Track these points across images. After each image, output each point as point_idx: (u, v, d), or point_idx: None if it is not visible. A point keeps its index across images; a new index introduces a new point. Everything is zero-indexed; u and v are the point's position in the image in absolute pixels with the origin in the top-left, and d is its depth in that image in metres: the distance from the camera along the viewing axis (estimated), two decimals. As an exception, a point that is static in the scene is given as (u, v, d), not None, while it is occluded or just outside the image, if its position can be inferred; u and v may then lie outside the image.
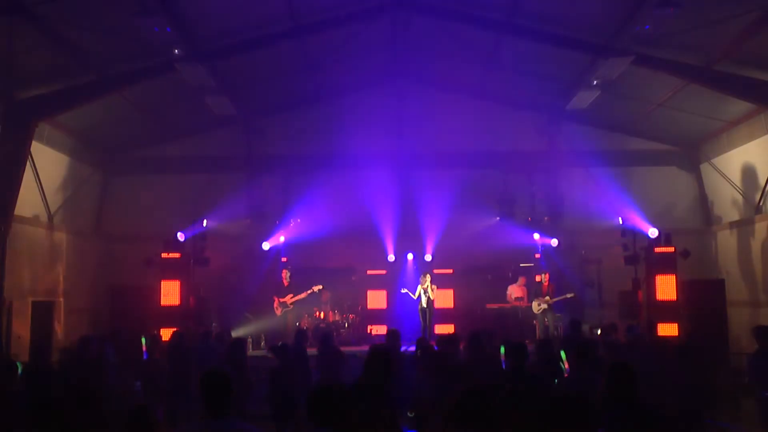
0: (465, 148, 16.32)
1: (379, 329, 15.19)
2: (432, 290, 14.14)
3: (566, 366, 7.51)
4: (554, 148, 16.63)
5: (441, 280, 15.03)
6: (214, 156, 16.36)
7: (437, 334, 13.00)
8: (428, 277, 14.24)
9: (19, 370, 6.05)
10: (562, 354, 7.68)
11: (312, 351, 9.66)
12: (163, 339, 10.42)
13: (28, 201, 12.87)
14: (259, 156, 16.69)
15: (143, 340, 10.36)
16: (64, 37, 10.69)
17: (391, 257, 16.13)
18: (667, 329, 12.69)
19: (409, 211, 16.11)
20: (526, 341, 9.89)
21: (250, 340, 13.26)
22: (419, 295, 14.17)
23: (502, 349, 6.59)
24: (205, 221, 14.97)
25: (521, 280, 15.06)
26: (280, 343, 9.24)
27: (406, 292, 14.55)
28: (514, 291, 15.01)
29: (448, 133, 16.18)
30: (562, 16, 11.83)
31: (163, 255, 13.45)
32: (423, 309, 14.16)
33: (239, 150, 16.67)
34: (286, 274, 14.44)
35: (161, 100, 14.33)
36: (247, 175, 16.76)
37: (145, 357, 9.93)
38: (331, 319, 14.71)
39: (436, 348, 7.96)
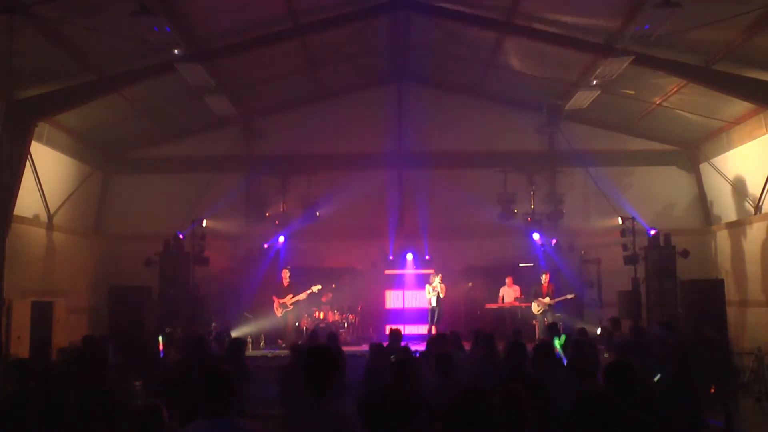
0: (465, 148, 16.33)
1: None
2: (442, 289, 14.39)
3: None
4: (554, 148, 16.65)
5: (440, 278, 15.05)
6: (214, 156, 16.33)
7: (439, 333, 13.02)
8: (439, 276, 14.52)
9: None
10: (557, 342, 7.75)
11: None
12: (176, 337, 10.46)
13: (28, 201, 12.86)
14: (259, 156, 16.70)
15: (160, 338, 10.40)
16: (64, 37, 10.68)
17: (391, 257, 16.15)
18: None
19: (409, 211, 16.12)
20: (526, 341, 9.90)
21: (249, 340, 13.28)
22: (430, 295, 14.45)
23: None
24: (204, 221, 14.99)
25: (509, 280, 15.02)
26: (299, 342, 9.30)
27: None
28: (506, 293, 14.97)
29: (448, 133, 16.20)
30: (562, 15, 11.83)
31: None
32: (433, 308, 14.50)
33: (239, 150, 16.66)
34: (285, 274, 14.44)
35: (161, 100, 14.32)
36: (247, 175, 16.76)
37: (161, 355, 9.97)
38: (330, 320, 14.70)
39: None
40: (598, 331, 13.07)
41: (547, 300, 14.21)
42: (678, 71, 12.10)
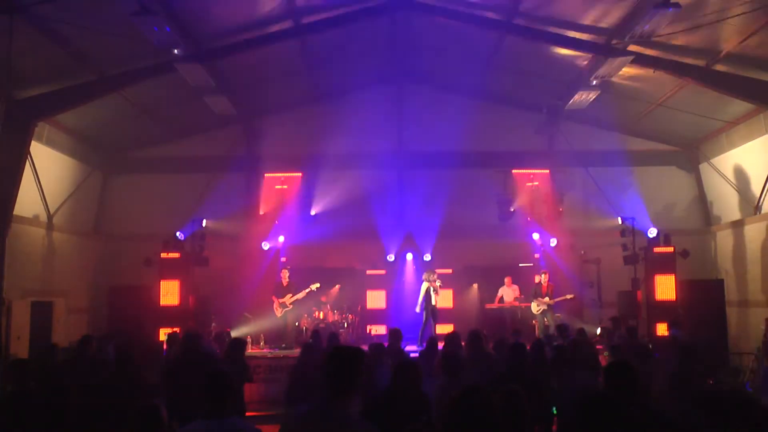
0: (465, 148, 16.30)
1: (379, 329, 15.23)
2: (438, 288, 14.20)
3: None
4: (554, 148, 16.65)
5: (441, 280, 15.02)
6: (214, 156, 16.33)
7: (440, 334, 12.98)
8: (435, 274, 14.28)
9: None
10: None
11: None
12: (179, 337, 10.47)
13: (28, 201, 12.87)
14: (259, 156, 16.69)
15: (165, 338, 10.43)
16: (64, 37, 10.69)
17: (391, 257, 16.13)
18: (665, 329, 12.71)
19: (409, 210, 16.12)
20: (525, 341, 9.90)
21: (249, 340, 13.27)
22: (427, 294, 14.09)
23: None
24: (204, 221, 14.99)
25: (507, 280, 15.02)
26: (311, 340, 9.34)
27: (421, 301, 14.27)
28: (505, 293, 14.96)
29: (448, 132, 16.16)
30: (562, 16, 11.84)
31: (163, 255, 13.51)
32: (432, 307, 14.05)
33: (239, 150, 16.66)
34: (285, 274, 14.42)
35: (161, 100, 14.32)
36: (247, 175, 16.76)
37: (164, 355, 9.99)
38: (330, 320, 14.69)
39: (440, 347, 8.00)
40: (598, 331, 13.07)
41: (546, 300, 14.20)
42: (678, 71, 12.10)
